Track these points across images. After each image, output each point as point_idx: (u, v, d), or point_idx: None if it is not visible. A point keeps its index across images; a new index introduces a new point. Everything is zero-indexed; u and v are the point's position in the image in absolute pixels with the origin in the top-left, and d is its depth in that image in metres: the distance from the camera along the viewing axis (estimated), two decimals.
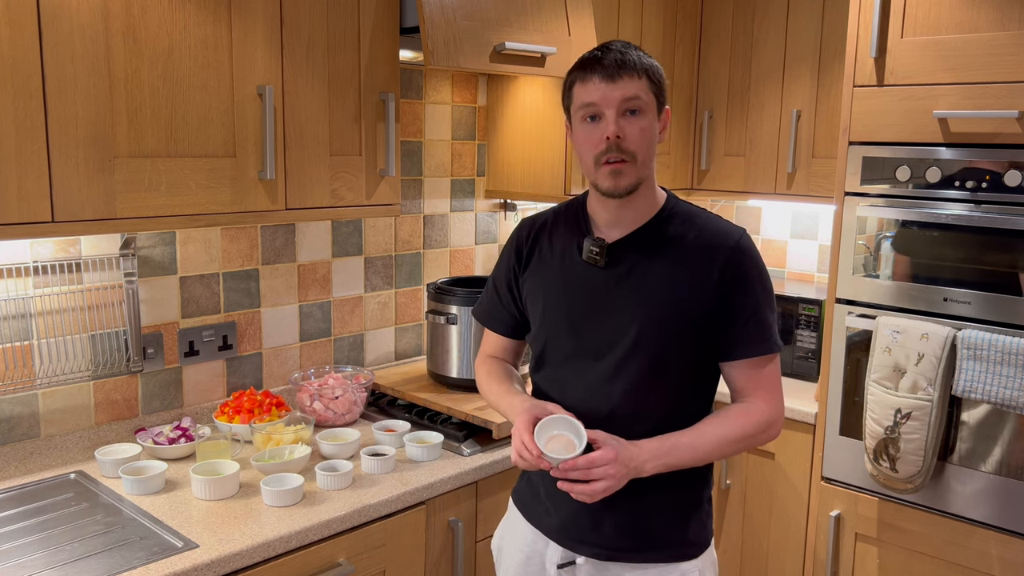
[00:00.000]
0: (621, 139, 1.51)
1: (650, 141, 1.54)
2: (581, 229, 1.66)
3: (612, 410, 1.59)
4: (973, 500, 2.23)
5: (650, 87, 1.53)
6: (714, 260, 1.56)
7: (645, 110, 1.53)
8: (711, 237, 1.59)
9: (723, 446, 1.57)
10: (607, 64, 1.51)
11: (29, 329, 1.96)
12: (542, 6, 2.33)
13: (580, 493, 1.48)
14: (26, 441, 1.98)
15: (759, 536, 2.75)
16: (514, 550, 1.75)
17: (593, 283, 1.61)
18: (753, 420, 1.59)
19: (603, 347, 1.60)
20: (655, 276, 1.57)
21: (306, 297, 2.48)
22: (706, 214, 1.64)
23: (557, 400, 1.65)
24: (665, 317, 1.56)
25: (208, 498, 1.82)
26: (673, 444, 1.54)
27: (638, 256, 1.59)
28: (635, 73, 1.51)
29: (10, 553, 1.61)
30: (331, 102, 2.01)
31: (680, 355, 1.58)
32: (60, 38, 1.58)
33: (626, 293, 1.58)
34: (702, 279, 1.55)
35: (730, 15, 2.99)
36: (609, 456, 1.47)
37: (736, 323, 1.57)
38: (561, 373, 1.66)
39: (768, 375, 1.61)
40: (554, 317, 1.66)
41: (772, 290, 1.62)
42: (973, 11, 2.15)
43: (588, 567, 1.64)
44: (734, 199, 3.28)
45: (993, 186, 2.15)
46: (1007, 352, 2.08)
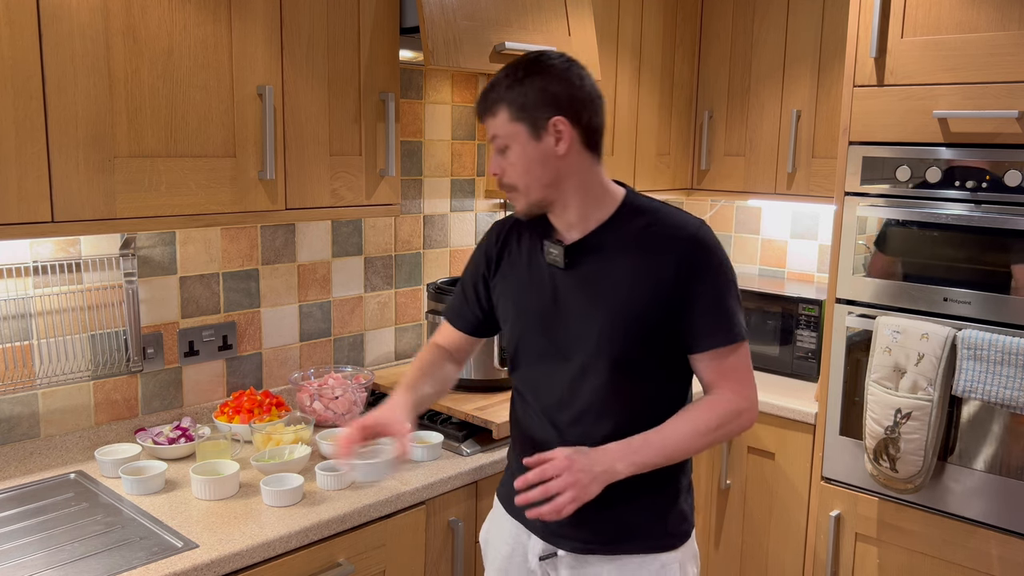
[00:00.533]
0: (499, 175, 1.60)
1: (526, 170, 1.56)
2: (545, 233, 1.68)
3: (584, 409, 1.61)
4: (973, 500, 2.23)
5: (512, 116, 1.54)
6: (671, 253, 1.56)
7: (510, 144, 1.56)
8: (667, 230, 1.59)
9: (694, 439, 1.56)
10: (477, 104, 1.60)
11: (29, 329, 1.96)
12: (542, 6, 2.33)
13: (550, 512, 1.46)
14: (26, 441, 1.98)
15: (759, 536, 2.75)
16: (499, 543, 1.78)
17: (557, 284, 1.63)
18: (720, 410, 1.58)
19: (570, 347, 1.61)
20: (615, 274, 1.59)
21: (306, 297, 2.48)
22: (664, 208, 1.64)
23: (532, 401, 1.69)
24: (626, 314, 1.57)
25: (208, 498, 1.82)
26: (641, 442, 1.54)
27: (597, 255, 1.60)
28: (489, 113, 1.57)
29: (10, 553, 1.60)
30: (331, 102, 2.01)
31: (645, 351, 1.59)
32: (60, 38, 1.58)
33: (588, 292, 1.60)
34: (660, 273, 1.56)
35: (730, 15, 2.99)
36: (561, 464, 1.47)
37: (695, 315, 1.56)
38: (534, 374, 1.68)
39: (734, 365, 1.60)
40: (523, 319, 1.69)
41: (733, 280, 1.60)
42: (973, 11, 2.15)
43: (569, 559, 1.66)
44: (734, 199, 3.28)
45: (993, 186, 2.15)
46: (1007, 352, 2.08)
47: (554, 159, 1.55)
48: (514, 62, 1.58)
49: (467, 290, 1.82)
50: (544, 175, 1.56)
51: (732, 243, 3.46)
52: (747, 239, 3.42)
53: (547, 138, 1.54)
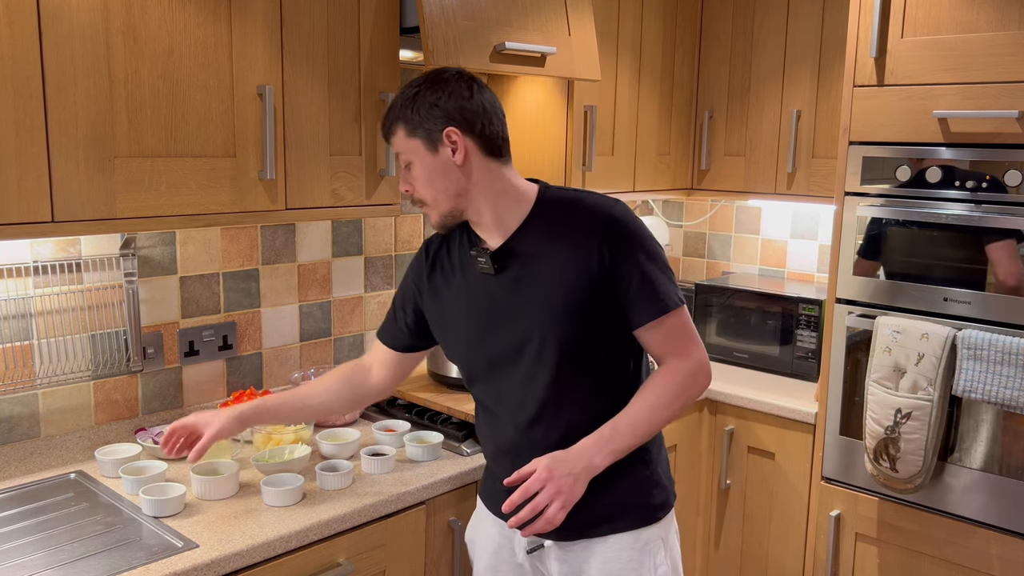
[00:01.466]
0: (410, 191, 1.65)
1: (430, 182, 1.61)
2: (472, 241, 1.70)
3: (543, 405, 1.63)
4: (973, 500, 2.23)
5: (407, 135, 1.60)
6: (591, 236, 1.58)
7: (412, 159, 1.61)
8: (584, 215, 1.61)
9: (658, 412, 1.59)
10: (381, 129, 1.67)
11: (29, 329, 1.96)
12: (542, 6, 2.33)
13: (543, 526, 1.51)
14: (26, 441, 1.98)
15: (759, 536, 2.75)
16: (485, 542, 1.81)
17: (492, 291, 1.66)
18: (675, 379, 1.61)
19: (516, 350, 1.63)
20: (543, 269, 1.60)
21: (306, 297, 2.48)
22: (579, 195, 1.66)
23: (493, 408, 1.71)
24: (561, 305, 1.58)
25: (208, 498, 1.82)
26: (612, 430, 1.57)
27: (523, 255, 1.63)
28: (389, 132, 1.63)
29: (10, 553, 1.60)
30: (331, 102, 2.01)
31: (587, 338, 1.61)
32: (60, 38, 1.58)
33: (523, 293, 1.62)
34: (584, 260, 1.57)
35: (730, 16, 2.99)
36: (542, 476, 1.51)
37: (627, 291, 1.58)
38: (491, 383, 1.70)
39: (675, 331, 1.62)
40: (465, 331, 1.71)
41: (657, 250, 1.62)
42: (973, 11, 2.15)
43: (556, 549, 1.69)
44: (734, 199, 3.28)
45: (993, 186, 2.15)
46: (1007, 352, 2.08)
47: (455, 169, 1.59)
48: (410, 83, 1.63)
49: (397, 310, 1.85)
50: (448, 185, 1.60)
51: (732, 243, 3.46)
52: (747, 239, 3.42)
53: (444, 149, 1.58)
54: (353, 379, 1.88)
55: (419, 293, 1.79)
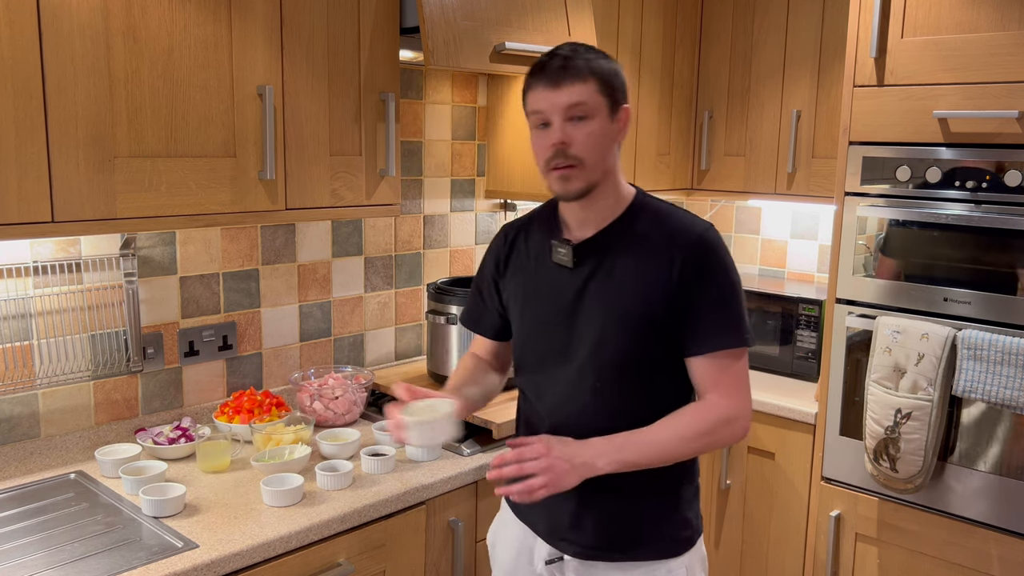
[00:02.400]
0: (567, 145, 1.51)
1: (599, 144, 1.53)
2: (553, 231, 1.67)
3: (583, 409, 1.60)
4: (973, 500, 2.23)
5: (599, 89, 1.52)
6: (676, 254, 1.55)
7: (592, 115, 1.51)
8: (675, 232, 1.58)
9: (679, 443, 1.54)
10: (550, 70, 1.51)
11: (29, 329, 1.96)
12: (542, 6, 2.33)
13: (520, 492, 1.46)
14: (26, 441, 1.98)
15: (759, 536, 2.75)
16: (506, 545, 1.78)
17: (563, 284, 1.63)
18: (711, 416, 1.55)
19: (572, 348, 1.61)
20: (619, 274, 1.58)
21: (306, 297, 2.48)
22: (673, 210, 1.64)
23: (535, 402, 1.69)
24: (630, 315, 1.56)
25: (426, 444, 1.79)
26: (624, 441, 1.52)
27: (604, 255, 1.60)
28: (579, 78, 1.50)
29: (10, 553, 1.60)
30: (331, 102, 2.01)
31: (646, 352, 1.58)
32: (60, 38, 1.58)
33: (594, 293, 1.59)
34: (664, 274, 1.55)
35: (730, 15, 2.99)
36: (540, 449, 1.47)
37: (696, 318, 1.55)
38: (538, 376, 1.68)
39: (731, 372, 1.57)
40: (529, 320, 1.68)
41: (738, 285, 1.59)
42: (973, 11, 2.15)
43: (574, 564, 1.66)
44: (734, 199, 3.28)
45: (993, 186, 2.15)
46: (1007, 352, 2.08)
47: (613, 145, 1.56)
48: (575, 44, 1.56)
49: (483, 293, 1.81)
50: (606, 157, 1.55)
51: (732, 243, 3.45)
52: (747, 239, 3.42)
53: (616, 124, 1.55)
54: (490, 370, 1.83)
55: (498, 274, 1.75)
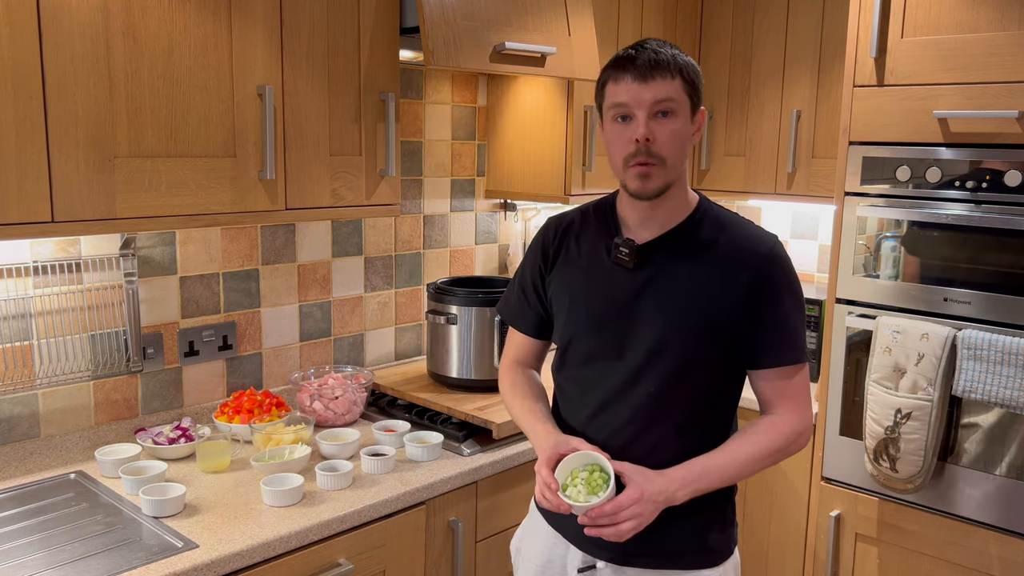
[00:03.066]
0: (651, 142, 1.48)
1: (681, 144, 1.51)
2: (610, 229, 1.64)
3: (635, 413, 1.57)
4: (973, 500, 2.23)
5: (684, 88, 1.50)
6: (744, 267, 1.54)
7: (677, 112, 1.49)
8: (742, 243, 1.57)
9: (753, 463, 1.54)
10: (640, 64, 1.47)
11: (29, 329, 1.96)
12: (542, 6, 2.33)
13: (610, 536, 1.44)
14: (26, 441, 1.98)
15: (759, 536, 2.75)
16: (534, 553, 1.73)
17: (620, 284, 1.59)
18: (782, 433, 1.56)
19: (627, 349, 1.57)
20: (684, 280, 1.56)
21: (306, 297, 2.48)
22: (738, 219, 1.62)
23: (578, 401, 1.64)
24: (692, 322, 1.54)
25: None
26: (703, 469, 1.51)
27: (667, 259, 1.57)
28: (668, 74, 1.47)
29: (10, 553, 1.60)
30: (331, 102, 2.01)
31: (705, 360, 1.56)
32: (60, 38, 1.58)
33: (654, 295, 1.56)
34: (731, 285, 1.53)
35: (730, 15, 2.99)
36: (635, 496, 1.44)
37: (764, 331, 1.55)
38: (584, 374, 1.63)
39: (796, 385, 1.58)
40: (579, 317, 1.64)
41: (803, 300, 1.60)
42: (973, 11, 2.15)
43: (608, 571, 1.62)
44: (734, 199, 3.27)
45: (993, 186, 2.15)
46: (1007, 352, 2.08)
47: (689, 145, 1.55)
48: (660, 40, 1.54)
49: (526, 288, 1.75)
50: (683, 156, 1.54)
51: None
52: None
53: (694, 124, 1.54)
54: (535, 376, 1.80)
55: (545, 268, 1.71)
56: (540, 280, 1.72)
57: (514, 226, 3.04)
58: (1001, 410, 2.16)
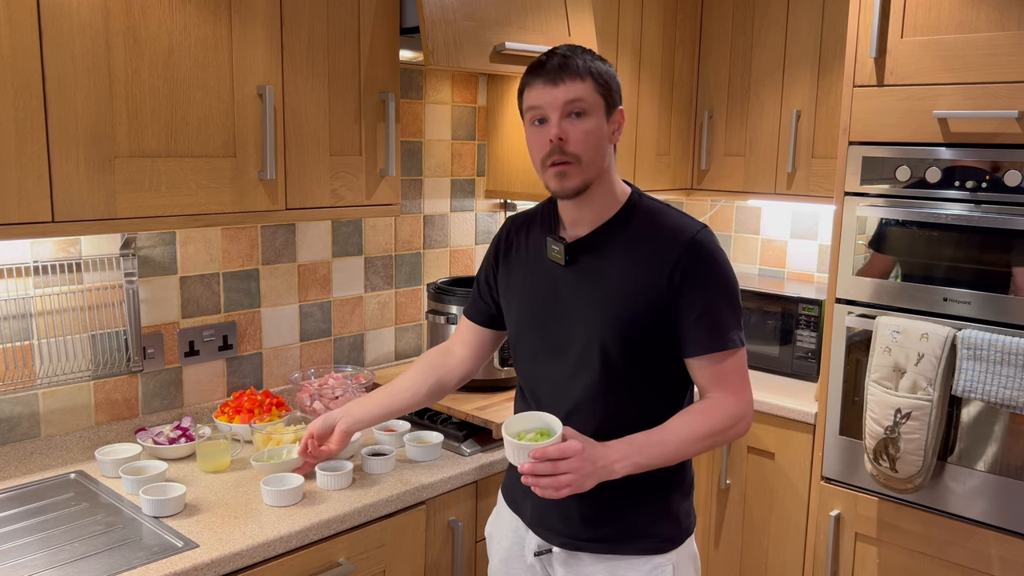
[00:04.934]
0: (564, 141, 1.53)
1: (595, 142, 1.55)
2: (551, 228, 1.69)
3: (575, 406, 1.62)
4: (973, 500, 2.23)
5: (596, 89, 1.54)
6: (668, 255, 1.56)
7: (589, 112, 1.54)
8: (667, 233, 1.59)
9: (691, 443, 1.56)
10: (549, 68, 1.54)
11: (29, 329, 1.96)
12: (542, 6, 2.33)
13: (545, 487, 1.46)
14: (26, 441, 1.98)
15: (759, 536, 2.76)
16: (501, 537, 1.81)
17: (556, 281, 1.65)
18: (718, 415, 1.58)
19: (564, 345, 1.63)
20: (612, 273, 1.59)
21: (306, 297, 2.48)
22: (668, 210, 1.64)
23: (530, 397, 1.71)
24: (622, 313, 1.57)
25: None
26: (641, 444, 1.53)
27: (596, 255, 1.61)
28: (577, 76, 1.53)
29: (10, 553, 1.61)
30: (331, 102, 2.01)
31: (638, 352, 1.59)
32: (60, 38, 1.58)
33: (585, 290, 1.61)
34: (656, 275, 1.56)
35: (730, 15, 2.99)
36: (577, 447, 1.46)
37: (689, 320, 1.56)
38: (531, 370, 1.71)
39: (730, 371, 1.59)
40: (523, 314, 1.71)
41: (733, 286, 1.60)
42: (973, 11, 2.15)
43: (562, 556, 1.68)
44: (734, 199, 3.28)
45: (993, 186, 2.15)
46: (1007, 352, 2.08)
47: (608, 145, 1.58)
48: (572, 46, 1.58)
49: (480, 283, 1.86)
50: (601, 156, 1.57)
51: (732, 243, 3.46)
52: (747, 239, 3.42)
53: (611, 124, 1.58)
54: (435, 361, 1.90)
55: (495, 266, 1.80)
56: (492, 276, 1.81)
57: None
58: (1001, 410, 2.16)
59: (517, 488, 1.75)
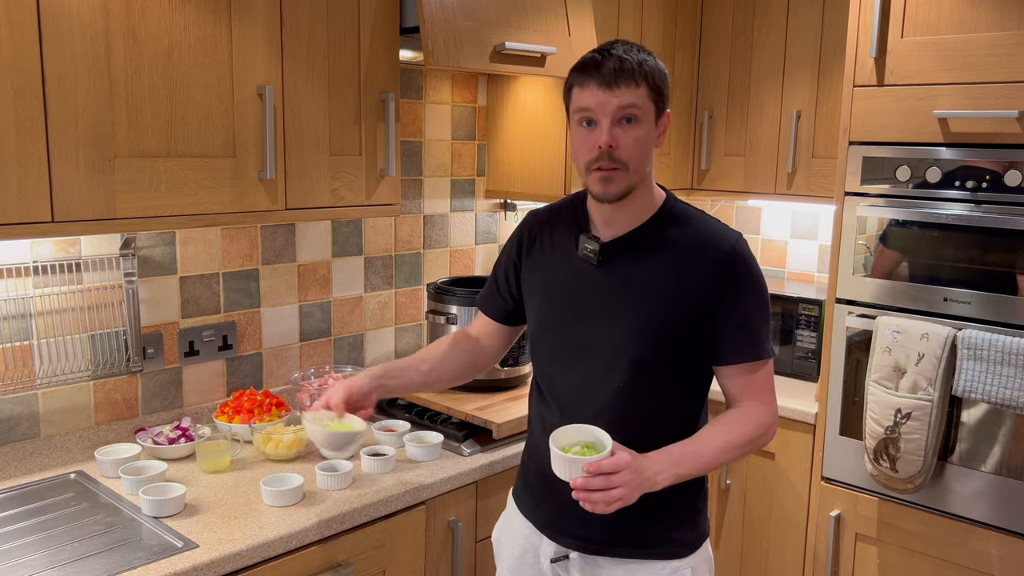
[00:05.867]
0: (614, 148, 1.50)
1: (645, 149, 1.53)
2: (580, 226, 1.66)
3: (602, 407, 1.60)
4: (973, 500, 2.23)
5: (649, 94, 1.51)
6: (708, 264, 1.56)
7: (642, 119, 1.51)
8: (706, 240, 1.58)
9: (727, 452, 1.56)
10: (605, 71, 1.49)
11: (29, 329, 1.96)
12: (542, 6, 2.33)
13: (597, 502, 1.43)
14: (26, 441, 1.98)
15: (759, 536, 2.76)
16: (511, 544, 1.77)
17: (587, 280, 1.62)
18: (751, 424, 1.58)
19: (593, 346, 1.60)
20: (649, 277, 1.58)
21: (306, 297, 2.48)
22: (703, 216, 1.64)
23: (548, 396, 1.67)
24: (657, 318, 1.56)
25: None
26: (680, 454, 1.53)
27: (633, 256, 1.60)
28: (634, 81, 1.49)
29: (10, 553, 1.61)
30: (331, 102, 2.01)
31: (671, 356, 1.58)
32: (60, 38, 1.58)
33: (619, 292, 1.59)
34: (695, 282, 1.55)
35: (730, 15, 2.99)
36: (628, 460, 1.44)
37: (727, 328, 1.56)
38: (553, 368, 1.67)
39: (761, 380, 1.60)
40: (548, 312, 1.68)
41: (766, 296, 1.61)
42: (973, 11, 2.15)
43: (580, 561, 1.65)
44: (734, 199, 3.28)
45: (993, 186, 2.15)
46: (1007, 352, 2.08)
47: (653, 149, 1.56)
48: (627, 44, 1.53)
49: (499, 277, 1.81)
50: (648, 161, 1.56)
51: None
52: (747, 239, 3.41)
53: (658, 127, 1.56)
54: (463, 344, 1.82)
55: (519, 261, 1.75)
56: (514, 272, 1.77)
57: (514, 226, 3.04)
58: (1001, 410, 2.16)
59: (531, 493, 1.73)
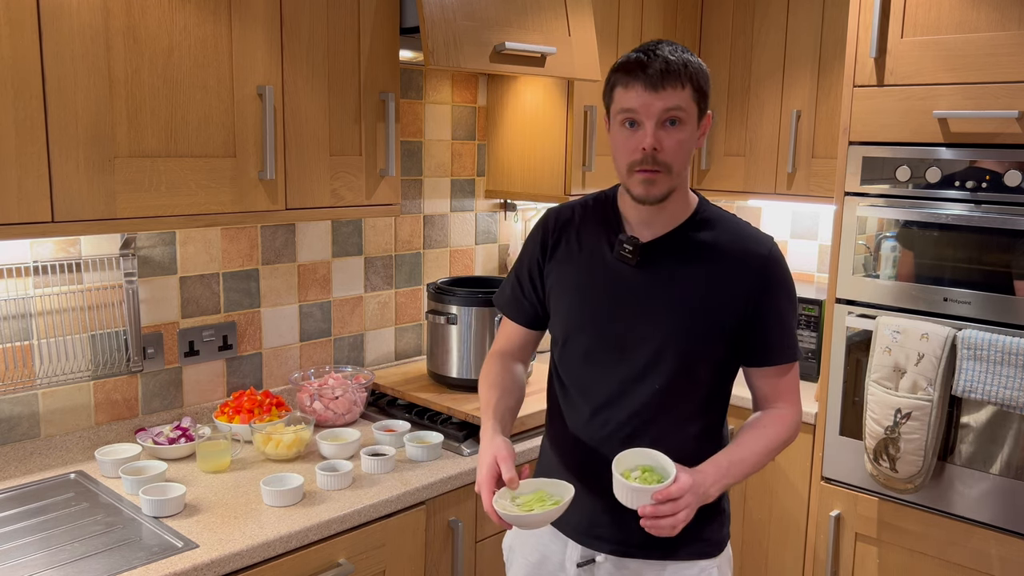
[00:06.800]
0: (658, 151, 1.48)
1: (687, 152, 1.53)
2: (612, 225, 1.64)
3: (639, 409, 1.59)
4: (973, 500, 2.23)
5: (693, 96, 1.51)
6: (746, 268, 1.57)
7: (686, 121, 1.50)
8: (743, 244, 1.59)
9: (764, 456, 1.58)
10: (652, 73, 1.47)
11: (29, 329, 1.96)
12: (542, 6, 2.33)
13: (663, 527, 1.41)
14: (26, 441, 1.98)
15: (759, 536, 2.75)
16: (528, 550, 1.72)
17: (622, 281, 1.60)
18: (784, 426, 1.61)
19: (630, 347, 1.58)
20: (687, 279, 1.57)
21: (306, 297, 2.48)
22: (736, 220, 1.64)
23: (578, 399, 1.64)
24: (695, 320, 1.56)
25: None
26: (727, 464, 1.53)
27: (671, 258, 1.59)
28: (679, 83, 1.48)
29: (10, 553, 1.61)
30: (331, 102, 2.01)
31: (708, 358, 1.59)
32: (60, 38, 1.58)
33: (657, 294, 1.58)
34: (735, 285, 1.56)
35: (730, 15, 2.99)
36: (689, 481, 1.43)
37: (763, 330, 1.59)
38: (584, 371, 1.64)
39: (790, 381, 1.64)
40: (579, 312, 1.64)
41: (796, 301, 1.65)
42: (973, 11, 2.15)
43: (608, 565, 1.63)
44: (734, 199, 3.27)
45: (993, 186, 2.15)
46: (1007, 352, 2.08)
47: (692, 150, 1.56)
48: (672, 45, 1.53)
49: (522, 280, 1.74)
50: (687, 162, 1.55)
51: None
52: None
53: (700, 129, 1.55)
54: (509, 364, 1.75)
55: (543, 260, 1.70)
56: (538, 272, 1.71)
57: (514, 226, 3.04)
58: (1001, 410, 2.16)
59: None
